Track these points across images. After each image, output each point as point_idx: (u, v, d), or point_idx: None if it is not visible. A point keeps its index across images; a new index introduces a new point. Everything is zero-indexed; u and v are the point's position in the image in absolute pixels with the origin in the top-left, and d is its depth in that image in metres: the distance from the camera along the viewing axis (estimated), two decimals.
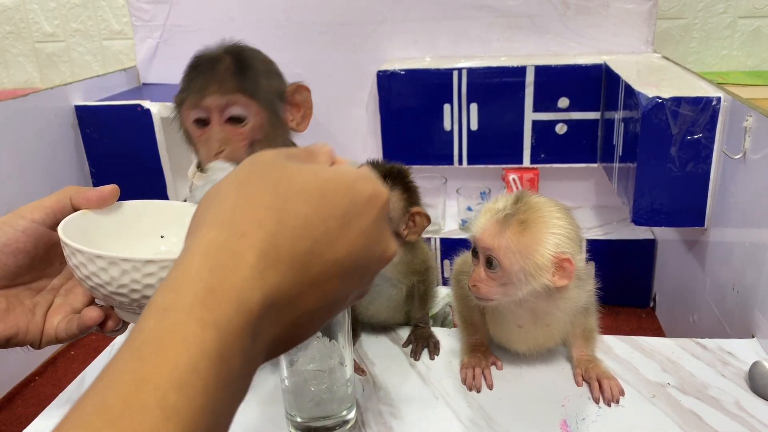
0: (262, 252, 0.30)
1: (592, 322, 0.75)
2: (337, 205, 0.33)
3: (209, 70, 0.66)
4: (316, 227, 0.32)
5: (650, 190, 1.21)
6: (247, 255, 0.29)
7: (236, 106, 0.66)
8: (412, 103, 1.69)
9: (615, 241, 1.66)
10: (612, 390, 0.71)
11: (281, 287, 0.30)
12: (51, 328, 0.50)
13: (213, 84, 0.65)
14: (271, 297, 0.29)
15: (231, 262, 0.29)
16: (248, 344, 0.28)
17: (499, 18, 1.76)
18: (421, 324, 0.85)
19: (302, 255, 0.31)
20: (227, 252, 0.29)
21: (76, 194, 0.50)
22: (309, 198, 0.32)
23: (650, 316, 1.63)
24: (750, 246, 0.98)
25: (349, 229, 0.33)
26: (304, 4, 1.80)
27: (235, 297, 0.28)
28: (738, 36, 1.85)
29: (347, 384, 0.68)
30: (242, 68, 0.66)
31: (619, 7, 1.69)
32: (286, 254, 0.30)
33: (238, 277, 0.29)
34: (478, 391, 0.74)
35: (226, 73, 0.65)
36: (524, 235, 0.63)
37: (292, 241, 0.31)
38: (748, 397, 0.71)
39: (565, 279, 0.64)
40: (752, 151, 0.99)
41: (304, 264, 0.31)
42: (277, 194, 0.32)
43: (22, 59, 2.24)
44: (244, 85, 0.65)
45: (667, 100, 1.14)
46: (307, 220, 0.32)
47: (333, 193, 0.33)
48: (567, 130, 1.66)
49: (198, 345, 0.26)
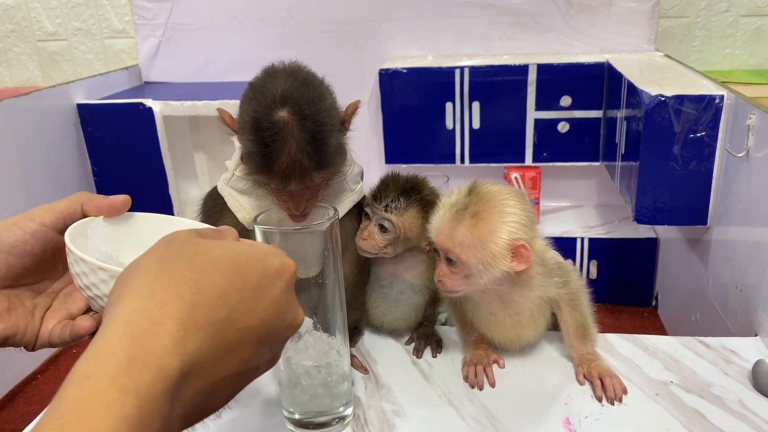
0: (181, 321, 0.31)
1: (581, 318, 0.75)
2: (250, 276, 0.36)
3: (282, 149, 0.62)
4: (232, 297, 0.34)
5: (653, 188, 1.21)
6: (167, 324, 0.31)
7: (315, 182, 0.66)
8: (414, 101, 1.69)
9: (617, 239, 1.65)
10: (615, 388, 0.71)
11: (199, 354, 0.32)
12: (46, 332, 0.51)
13: (294, 173, 0.63)
14: (189, 364, 0.31)
15: (151, 330, 0.31)
16: (167, 410, 0.30)
17: (502, 16, 1.76)
18: (425, 322, 0.85)
19: (219, 323, 0.33)
20: (148, 321, 0.31)
21: (87, 201, 0.51)
22: (224, 270, 0.35)
23: (652, 315, 1.63)
24: (753, 244, 0.98)
25: (262, 298, 0.36)
26: (306, 2, 1.80)
27: (155, 364, 0.30)
28: (740, 35, 1.85)
29: (344, 380, 0.68)
30: (312, 140, 0.63)
31: (622, 6, 1.69)
32: (204, 322, 0.32)
33: (158, 345, 0.30)
34: (480, 389, 0.74)
35: (303, 158, 0.63)
36: (477, 228, 0.65)
37: (209, 310, 0.33)
38: (752, 395, 0.71)
39: (523, 264, 0.66)
40: (755, 149, 0.99)
41: (221, 331, 0.33)
42: (193, 267, 0.34)
43: (24, 58, 2.24)
44: (318, 164, 0.64)
45: (670, 98, 1.14)
46: (223, 290, 0.34)
47: (246, 265, 0.36)
48: (569, 128, 1.66)
49: (119, 412, 0.27)
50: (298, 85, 0.64)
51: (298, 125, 0.62)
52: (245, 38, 1.84)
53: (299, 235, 0.64)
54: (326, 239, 0.62)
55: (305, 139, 0.62)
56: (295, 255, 0.63)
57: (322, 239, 0.62)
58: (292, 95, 0.63)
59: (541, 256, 0.71)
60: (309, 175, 0.64)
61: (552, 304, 0.76)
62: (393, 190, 0.74)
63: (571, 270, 0.77)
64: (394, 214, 0.73)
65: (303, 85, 0.65)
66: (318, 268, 0.64)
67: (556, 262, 0.75)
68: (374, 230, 0.75)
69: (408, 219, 0.74)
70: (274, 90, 0.63)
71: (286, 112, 0.62)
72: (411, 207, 0.74)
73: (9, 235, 0.48)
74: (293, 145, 0.62)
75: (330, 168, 0.67)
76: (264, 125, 0.62)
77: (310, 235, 0.63)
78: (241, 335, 0.34)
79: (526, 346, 0.80)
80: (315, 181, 0.65)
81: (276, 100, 0.63)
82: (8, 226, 0.48)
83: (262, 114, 0.63)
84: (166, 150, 1.68)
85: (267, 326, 0.36)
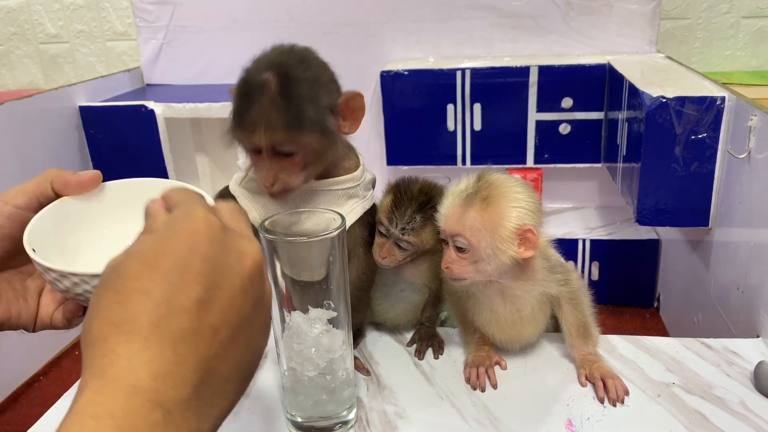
0: (128, 340, 0.31)
1: (582, 317, 0.76)
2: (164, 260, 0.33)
3: (256, 101, 0.64)
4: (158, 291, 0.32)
5: (654, 189, 1.21)
6: (118, 350, 0.30)
7: (283, 143, 0.65)
8: (416, 103, 1.69)
9: (619, 241, 1.65)
10: (617, 389, 0.71)
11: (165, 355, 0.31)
12: (46, 315, 0.50)
13: (260, 124, 0.64)
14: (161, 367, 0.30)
15: (106, 363, 0.30)
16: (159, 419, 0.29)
17: (503, 18, 1.76)
18: (426, 323, 0.85)
19: (164, 319, 0.32)
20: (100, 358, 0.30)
21: (56, 178, 0.50)
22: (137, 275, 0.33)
23: (654, 317, 1.63)
24: (755, 246, 0.98)
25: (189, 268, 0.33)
26: (307, 4, 1.80)
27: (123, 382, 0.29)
28: (742, 36, 1.85)
29: (347, 385, 0.68)
30: (288, 101, 0.64)
31: (623, 8, 1.69)
32: (150, 328, 0.31)
33: (118, 368, 0.30)
34: (482, 391, 0.74)
35: (272, 111, 0.63)
36: (487, 211, 0.66)
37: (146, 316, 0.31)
38: (754, 396, 0.71)
39: (530, 250, 0.66)
40: (757, 150, 0.99)
41: (173, 323, 0.32)
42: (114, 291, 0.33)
43: (26, 60, 2.24)
44: (289, 122, 0.64)
45: (672, 99, 1.14)
46: (147, 292, 0.32)
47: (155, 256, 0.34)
48: (570, 130, 1.66)
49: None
50: (291, 57, 0.67)
51: (277, 85, 0.64)
52: (247, 41, 1.84)
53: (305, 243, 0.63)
54: (332, 246, 0.62)
55: (280, 97, 0.64)
56: (299, 260, 0.63)
57: (328, 246, 0.62)
58: (281, 62, 0.65)
59: (544, 251, 0.72)
60: (276, 131, 0.64)
61: (553, 302, 0.76)
62: (407, 209, 0.73)
63: (572, 270, 0.77)
64: (412, 235, 0.73)
65: (296, 59, 0.67)
66: (323, 272, 0.64)
67: (557, 260, 0.75)
68: (393, 248, 0.74)
69: (426, 235, 0.74)
70: (267, 58, 0.66)
71: (270, 75, 0.64)
72: (427, 223, 0.73)
73: None
74: (267, 100, 0.64)
75: (302, 134, 0.65)
76: (246, 83, 0.65)
77: (316, 243, 0.63)
78: (195, 312, 0.32)
79: (526, 346, 0.80)
80: (282, 141, 0.64)
81: (265, 65, 0.65)
82: None
83: (249, 75, 0.65)
84: (167, 152, 1.69)
85: (213, 284, 0.34)
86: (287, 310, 0.65)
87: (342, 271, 0.64)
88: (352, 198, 0.74)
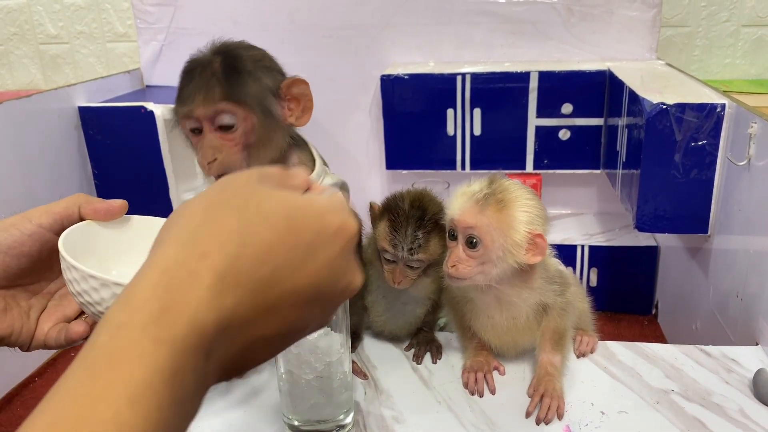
0: (220, 274, 0.30)
1: (563, 327, 0.75)
2: (304, 234, 0.33)
3: (198, 76, 0.65)
4: (279, 255, 0.32)
5: (654, 196, 1.20)
6: (205, 276, 0.29)
7: (223, 114, 0.65)
8: (416, 107, 1.69)
9: (617, 247, 1.65)
10: (549, 410, 0.69)
11: (236, 311, 0.30)
12: (41, 333, 0.50)
13: (199, 94, 0.64)
14: (226, 320, 0.30)
15: (188, 281, 0.29)
16: (201, 364, 0.29)
17: (503, 24, 1.76)
18: (424, 328, 0.85)
19: (261, 281, 0.31)
20: (185, 271, 0.29)
21: (85, 204, 0.50)
22: (275, 224, 0.32)
23: (652, 324, 1.63)
24: (754, 253, 0.98)
25: (314, 259, 0.33)
26: (308, 8, 1.80)
27: (190, 317, 0.28)
28: (741, 45, 1.85)
29: (345, 389, 0.68)
30: (229, 73, 0.65)
31: (623, 15, 1.69)
32: (245, 279, 0.31)
33: (194, 296, 0.29)
34: (480, 396, 0.74)
35: (212, 81, 0.64)
36: (503, 213, 0.66)
37: (252, 266, 0.31)
38: (753, 404, 0.71)
39: (538, 256, 0.67)
40: (757, 157, 0.99)
41: (263, 290, 0.31)
42: (242, 218, 0.32)
43: (26, 61, 2.24)
44: (229, 92, 0.64)
45: (672, 106, 1.14)
46: (271, 246, 0.32)
47: (301, 221, 0.33)
48: (570, 136, 1.66)
49: (152, 362, 0.27)
50: (235, 43, 0.69)
51: (220, 62, 0.66)
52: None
53: None
54: None
55: (222, 69, 0.65)
56: None
57: None
58: (225, 46, 0.68)
59: (545, 260, 0.72)
60: (214, 99, 0.64)
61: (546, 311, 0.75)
62: (406, 229, 0.72)
63: (570, 282, 0.77)
64: (420, 253, 0.72)
65: (240, 44, 0.69)
66: None
67: (557, 270, 0.75)
68: (406, 271, 0.73)
69: (432, 248, 0.73)
70: (212, 45, 0.69)
71: (212, 54, 0.67)
72: (431, 237, 0.72)
73: (6, 237, 0.48)
74: (208, 74, 0.65)
75: (242, 104, 0.65)
76: (190, 62, 0.67)
77: None
78: (286, 296, 0.32)
79: (522, 353, 0.80)
80: (221, 110, 0.65)
81: (210, 49, 0.68)
82: (6, 227, 0.48)
83: (193, 57, 0.68)
84: (167, 153, 1.68)
85: (318, 289, 0.33)
86: None
87: None
88: None
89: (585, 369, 0.79)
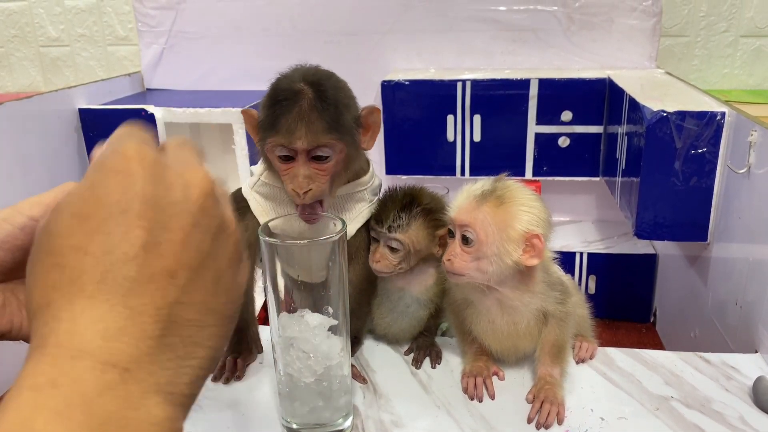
0: (71, 302, 0.28)
1: (562, 339, 0.74)
2: (96, 209, 0.30)
3: (294, 106, 0.65)
4: (96, 244, 0.29)
5: (654, 203, 1.21)
6: (61, 314, 0.28)
7: (323, 147, 0.67)
8: (416, 113, 1.69)
9: (616, 255, 1.65)
10: (549, 415, 0.69)
11: (114, 311, 0.28)
12: None
13: (301, 126, 0.65)
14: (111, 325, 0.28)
15: (50, 330, 0.28)
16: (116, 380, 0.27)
17: (504, 31, 1.77)
18: (424, 332, 0.84)
19: (108, 273, 0.29)
20: (43, 326, 0.28)
21: None
22: (69, 231, 0.30)
23: (650, 331, 1.63)
24: (754, 261, 0.98)
25: (126, 212, 0.30)
26: (310, 13, 1.81)
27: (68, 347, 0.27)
28: (740, 55, 1.86)
29: (344, 392, 0.68)
30: (326, 106, 0.66)
31: (623, 23, 1.70)
32: (95, 285, 0.28)
33: (62, 332, 0.28)
34: (479, 401, 0.73)
35: (312, 114, 0.65)
36: (500, 209, 0.66)
37: (87, 273, 0.29)
38: (752, 412, 0.71)
39: (535, 258, 0.66)
40: (757, 165, 0.99)
41: (119, 276, 0.29)
42: (48, 253, 0.30)
43: (26, 63, 2.24)
44: (331, 127, 0.66)
45: (672, 113, 1.15)
46: (82, 248, 0.29)
47: (85, 204, 0.30)
48: (570, 143, 1.66)
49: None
50: (320, 72, 0.70)
51: (312, 93, 0.66)
52: (248, 48, 1.84)
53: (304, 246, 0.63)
54: (332, 251, 0.62)
55: (319, 102, 0.66)
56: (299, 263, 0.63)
57: (329, 250, 0.62)
58: (313, 75, 0.68)
59: (547, 265, 0.71)
60: (317, 133, 0.65)
61: (546, 319, 0.75)
62: (391, 209, 0.75)
63: (571, 292, 0.76)
64: (399, 232, 0.74)
65: (324, 73, 0.70)
66: (323, 275, 0.63)
67: (558, 277, 0.75)
68: (385, 251, 0.75)
69: (414, 233, 0.74)
70: (295, 73, 0.69)
71: (304, 84, 0.66)
72: (414, 220, 0.74)
73: None
74: (305, 104, 0.65)
75: (340, 138, 0.67)
76: (281, 89, 0.67)
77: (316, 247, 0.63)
78: (142, 259, 0.29)
79: (522, 358, 0.79)
80: (323, 144, 0.66)
81: (296, 77, 0.68)
82: None
83: (281, 84, 0.68)
84: None
85: (158, 225, 0.30)
86: (287, 316, 0.64)
87: (341, 276, 0.64)
88: (359, 202, 0.75)
89: (584, 375, 0.78)
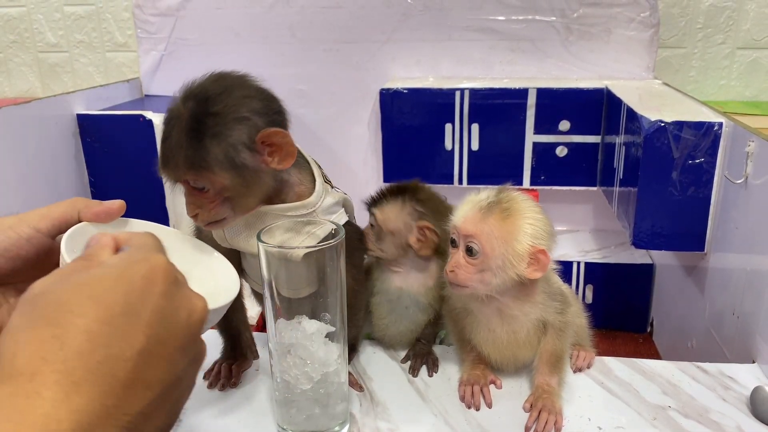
0: (58, 383, 0.29)
1: (561, 349, 0.74)
2: (115, 301, 0.33)
3: (170, 134, 0.63)
4: (102, 333, 0.31)
5: (651, 213, 1.21)
6: (44, 392, 0.29)
7: (192, 180, 0.64)
8: (414, 121, 1.69)
9: (613, 264, 1.65)
10: (546, 423, 0.69)
11: (92, 405, 0.30)
12: None
13: (169, 159, 0.63)
14: (85, 419, 0.29)
15: (28, 406, 0.28)
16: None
17: (502, 41, 1.78)
18: (422, 340, 0.84)
19: (99, 366, 0.30)
20: (22, 398, 0.29)
21: (84, 209, 0.50)
22: (81, 310, 0.32)
23: (647, 341, 1.62)
24: (751, 271, 0.98)
25: (138, 316, 0.33)
26: (309, 21, 1.82)
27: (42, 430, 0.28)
28: (736, 67, 1.87)
29: (341, 400, 0.67)
30: (192, 136, 0.62)
31: (621, 34, 1.71)
32: (83, 373, 0.30)
33: (40, 414, 0.28)
34: (477, 409, 0.73)
35: (177, 148, 0.62)
36: (506, 223, 0.66)
37: (82, 358, 0.30)
38: (750, 422, 0.71)
39: (539, 271, 0.66)
40: (754, 176, 1.00)
41: (108, 372, 0.31)
42: (51, 323, 0.31)
43: (24, 69, 2.24)
44: (192, 162, 0.62)
45: (669, 124, 1.15)
46: (89, 331, 0.31)
47: (105, 292, 0.33)
48: (567, 152, 1.67)
49: None
50: (214, 86, 0.63)
51: (187, 119, 0.62)
52: (247, 55, 1.85)
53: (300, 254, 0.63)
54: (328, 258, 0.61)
55: (186, 132, 0.62)
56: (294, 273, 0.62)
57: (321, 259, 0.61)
58: (200, 92, 0.63)
59: (548, 276, 0.71)
60: (177, 169, 0.63)
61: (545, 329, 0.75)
62: (381, 191, 0.80)
63: (571, 302, 0.76)
64: (376, 208, 0.78)
65: (219, 88, 0.63)
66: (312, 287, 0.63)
67: (558, 287, 0.75)
68: (368, 229, 0.80)
69: (387, 211, 0.78)
70: (193, 85, 0.64)
71: (183, 106, 0.62)
72: (392, 201, 0.78)
73: (3, 239, 0.47)
74: (175, 136, 0.62)
75: (207, 171, 0.62)
76: (169, 110, 0.64)
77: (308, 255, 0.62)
78: (135, 362, 0.32)
79: (521, 368, 0.79)
80: (190, 179, 0.63)
81: (187, 93, 0.63)
82: (3, 229, 0.47)
83: (172, 102, 0.64)
84: None
85: (160, 338, 0.33)
86: (284, 322, 0.64)
87: (339, 283, 0.63)
88: (309, 224, 0.69)
89: (581, 384, 0.78)
